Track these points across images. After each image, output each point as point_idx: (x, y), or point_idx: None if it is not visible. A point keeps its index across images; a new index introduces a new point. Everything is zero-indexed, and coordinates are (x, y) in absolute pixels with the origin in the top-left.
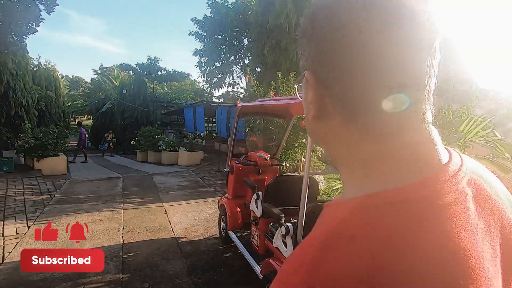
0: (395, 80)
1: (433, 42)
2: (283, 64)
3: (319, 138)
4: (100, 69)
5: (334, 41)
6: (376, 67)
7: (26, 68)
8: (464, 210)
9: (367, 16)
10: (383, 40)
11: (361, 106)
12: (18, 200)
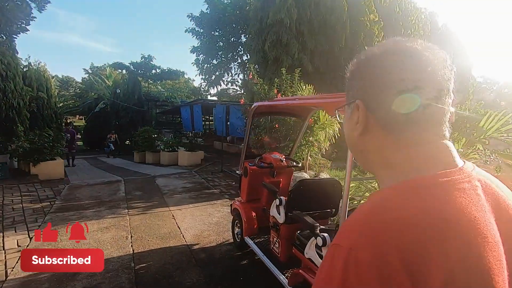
0: (421, 115)
1: (444, 86)
2: (285, 60)
3: (359, 150)
4: (91, 68)
5: (379, 80)
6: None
7: (16, 69)
8: (475, 195)
9: (395, 63)
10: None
11: (397, 124)
12: (17, 208)
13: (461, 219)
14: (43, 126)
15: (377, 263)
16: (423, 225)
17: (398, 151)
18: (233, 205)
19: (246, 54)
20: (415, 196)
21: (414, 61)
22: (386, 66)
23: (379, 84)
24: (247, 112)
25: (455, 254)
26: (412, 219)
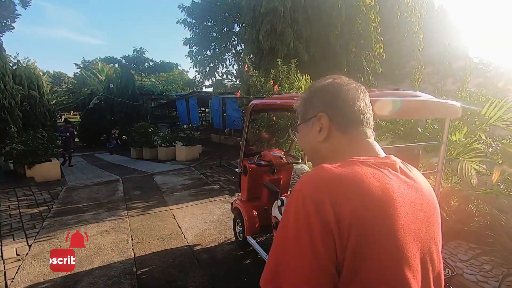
0: (356, 117)
1: (361, 99)
2: (280, 50)
3: (318, 152)
4: (83, 63)
5: (334, 97)
6: (349, 110)
7: (5, 68)
8: (391, 173)
9: (345, 92)
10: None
11: (348, 126)
12: (14, 214)
13: (374, 182)
14: (37, 125)
15: (315, 199)
16: (345, 181)
17: (350, 145)
18: (234, 204)
19: (240, 44)
20: (348, 167)
21: (350, 88)
22: (336, 91)
23: (336, 101)
24: (244, 105)
25: (361, 200)
26: (341, 177)
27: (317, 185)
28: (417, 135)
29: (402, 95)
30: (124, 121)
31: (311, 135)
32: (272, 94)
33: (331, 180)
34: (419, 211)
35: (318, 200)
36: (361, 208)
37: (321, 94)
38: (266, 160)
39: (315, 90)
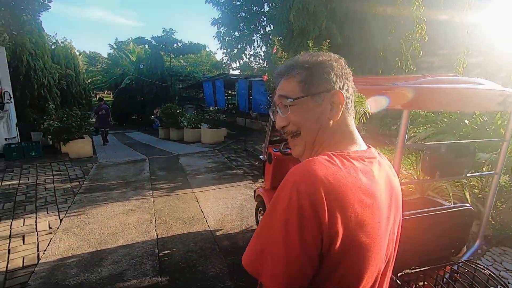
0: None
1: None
2: (312, 31)
3: (317, 130)
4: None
5: (348, 76)
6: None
7: (44, 47)
8: (374, 166)
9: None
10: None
11: (350, 111)
12: (49, 188)
13: (363, 181)
14: (73, 103)
15: (311, 197)
16: (340, 182)
17: (345, 132)
18: (257, 192)
19: (269, 24)
20: (341, 163)
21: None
22: (347, 70)
23: (349, 81)
24: (271, 88)
25: (354, 202)
26: (336, 177)
27: (314, 183)
28: (463, 127)
29: (462, 82)
30: (153, 102)
31: (319, 111)
32: None
33: (328, 181)
34: (394, 205)
35: (315, 199)
36: (353, 210)
37: (336, 69)
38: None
39: (325, 62)
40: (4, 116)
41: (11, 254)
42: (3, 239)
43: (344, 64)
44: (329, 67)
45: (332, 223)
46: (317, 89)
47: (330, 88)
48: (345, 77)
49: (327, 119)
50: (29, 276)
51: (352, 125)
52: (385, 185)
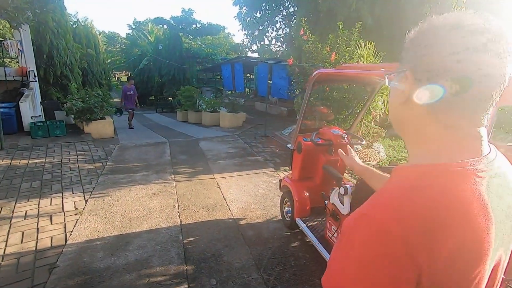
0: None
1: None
2: (340, 12)
3: (399, 119)
4: (134, 23)
5: (433, 55)
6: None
7: (66, 26)
8: (484, 185)
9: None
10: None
11: (439, 103)
12: (73, 168)
13: (473, 205)
14: (94, 83)
15: (404, 235)
16: (443, 213)
17: (434, 131)
18: (283, 182)
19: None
20: (436, 184)
21: (470, 40)
22: (441, 43)
23: (432, 60)
24: (295, 73)
25: (453, 238)
26: (437, 207)
27: (408, 221)
28: None
29: None
30: (171, 83)
31: (393, 93)
32: (329, 63)
33: (426, 214)
34: (507, 225)
35: (409, 241)
36: (460, 244)
37: (422, 40)
38: (324, 139)
39: (418, 31)
40: (29, 94)
41: (39, 234)
42: (32, 217)
43: (458, 27)
44: (418, 38)
45: (432, 267)
46: (400, 66)
47: (406, 66)
48: (442, 53)
49: (398, 102)
50: (58, 257)
51: (461, 126)
52: (503, 206)
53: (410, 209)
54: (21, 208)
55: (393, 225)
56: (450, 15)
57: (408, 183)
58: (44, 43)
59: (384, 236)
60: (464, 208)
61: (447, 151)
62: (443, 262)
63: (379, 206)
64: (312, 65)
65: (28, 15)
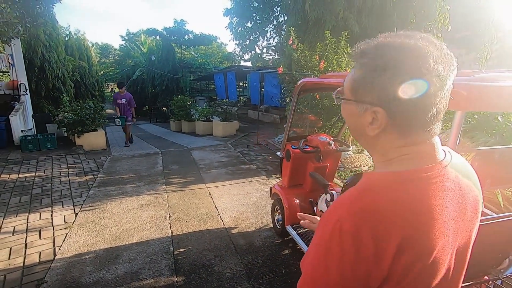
0: (430, 118)
1: (439, 98)
2: (328, 21)
3: (367, 141)
4: (127, 35)
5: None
6: (422, 109)
7: (58, 39)
8: (442, 186)
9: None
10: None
11: (409, 128)
12: (64, 181)
13: (419, 205)
14: (86, 95)
15: (355, 235)
16: (388, 211)
17: (402, 149)
18: (273, 190)
19: (283, 14)
20: (390, 188)
21: (426, 61)
22: (417, 72)
23: (403, 93)
24: (285, 81)
25: (406, 229)
26: (384, 208)
27: (357, 219)
28: (496, 125)
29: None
30: (164, 93)
31: (359, 121)
32: (318, 71)
33: (372, 213)
34: (460, 222)
35: (358, 237)
36: (406, 238)
37: (392, 77)
38: (312, 146)
39: (388, 61)
40: (20, 108)
41: (28, 249)
42: (20, 233)
43: (423, 57)
44: (388, 69)
45: (381, 256)
46: (362, 96)
47: (374, 101)
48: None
49: (366, 132)
50: (46, 272)
51: (427, 137)
52: (455, 207)
53: (359, 208)
54: (9, 224)
55: (345, 221)
56: (427, 40)
57: (363, 186)
58: (36, 56)
59: (337, 231)
60: (407, 208)
61: (409, 162)
62: (392, 255)
63: (336, 207)
64: (301, 73)
65: (18, 29)
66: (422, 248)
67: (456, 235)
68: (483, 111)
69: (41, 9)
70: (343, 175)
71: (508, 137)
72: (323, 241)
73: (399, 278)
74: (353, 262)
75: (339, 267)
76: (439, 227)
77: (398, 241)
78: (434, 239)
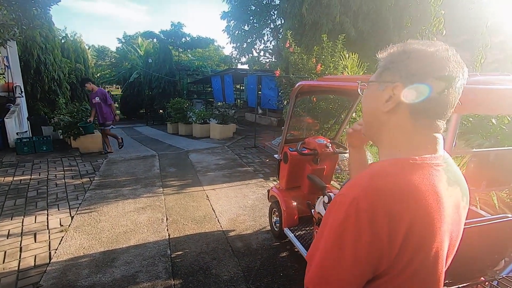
0: (443, 110)
1: (456, 86)
2: (325, 24)
3: (378, 124)
4: (124, 37)
5: (420, 72)
6: (441, 100)
7: (54, 41)
8: (444, 174)
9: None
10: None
11: (420, 112)
12: (60, 184)
13: (427, 189)
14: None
15: (370, 213)
16: (401, 192)
17: (414, 136)
18: (271, 192)
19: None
20: (402, 171)
21: (459, 68)
22: (437, 65)
23: (421, 75)
24: (283, 84)
25: (416, 211)
26: (397, 187)
27: (373, 198)
28: (491, 127)
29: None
30: (161, 96)
31: (377, 100)
32: (315, 74)
33: (388, 193)
34: (456, 214)
35: (373, 215)
36: (415, 220)
37: (414, 61)
38: (309, 148)
39: (411, 52)
40: (15, 110)
41: (23, 253)
42: (15, 236)
43: (444, 59)
44: (412, 58)
45: (393, 236)
46: (384, 76)
47: (395, 79)
48: (430, 75)
49: (381, 110)
50: (41, 276)
51: (433, 130)
52: (452, 198)
53: (374, 188)
54: (4, 227)
55: (361, 200)
56: (446, 47)
57: (376, 170)
58: (32, 58)
59: (353, 210)
60: (418, 191)
61: (413, 149)
62: (402, 236)
63: (350, 188)
64: (298, 76)
65: (14, 31)
66: (429, 232)
67: (452, 226)
68: (477, 114)
69: (37, 11)
70: (340, 178)
71: (502, 139)
72: (336, 223)
73: (402, 266)
74: (368, 242)
75: (354, 247)
76: (441, 213)
77: (408, 222)
78: (437, 225)
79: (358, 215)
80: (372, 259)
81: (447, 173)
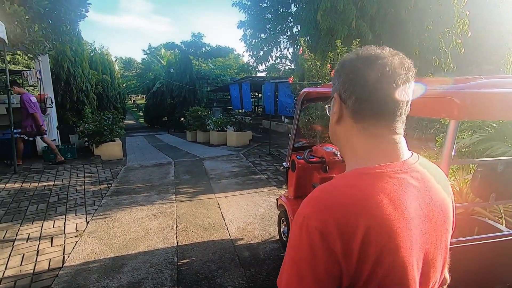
0: (378, 108)
1: (403, 86)
2: (340, 30)
3: (337, 137)
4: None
5: (351, 80)
6: (368, 98)
7: (83, 54)
8: (406, 183)
9: (369, 72)
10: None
11: (361, 114)
12: (79, 190)
13: (382, 200)
14: (109, 107)
15: (321, 230)
16: (354, 203)
17: (361, 140)
18: (279, 200)
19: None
20: (357, 183)
21: (377, 64)
22: (356, 68)
23: (354, 81)
24: (297, 91)
25: (371, 220)
26: (348, 199)
27: (323, 214)
28: None
29: None
30: (182, 104)
31: (330, 115)
32: (329, 80)
33: (338, 207)
34: (428, 224)
35: (324, 231)
36: (370, 229)
37: (341, 70)
38: (317, 156)
39: (339, 64)
40: (45, 119)
41: (39, 256)
42: (34, 240)
43: (364, 59)
44: (339, 69)
45: (348, 251)
46: (332, 92)
47: (334, 91)
48: (356, 76)
49: (332, 122)
50: (53, 279)
51: (385, 132)
52: (420, 207)
53: (325, 203)
54: (25, 231)
55: (312, 218)
56: (369, 51)
57: (329, 184)
58: (62, 71)
59: (305, 228)
60: (372, 200)
61: (371, 157)
62: (358, 248)
63: (305, 204)
64: (311, 82)
65: (45, 46)
66: (388, 240)
67: (424, 237)
68: (481, 120)
69: (66, 27)
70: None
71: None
72: (292, 243)
73: (365, 280)
74: (324, 260)
75: (313, 267)
76: (403, 222)
77: (363, 232)
78: (399, 233)
79: (309, 233)
80: (332, 277)
81: (414, 180)
